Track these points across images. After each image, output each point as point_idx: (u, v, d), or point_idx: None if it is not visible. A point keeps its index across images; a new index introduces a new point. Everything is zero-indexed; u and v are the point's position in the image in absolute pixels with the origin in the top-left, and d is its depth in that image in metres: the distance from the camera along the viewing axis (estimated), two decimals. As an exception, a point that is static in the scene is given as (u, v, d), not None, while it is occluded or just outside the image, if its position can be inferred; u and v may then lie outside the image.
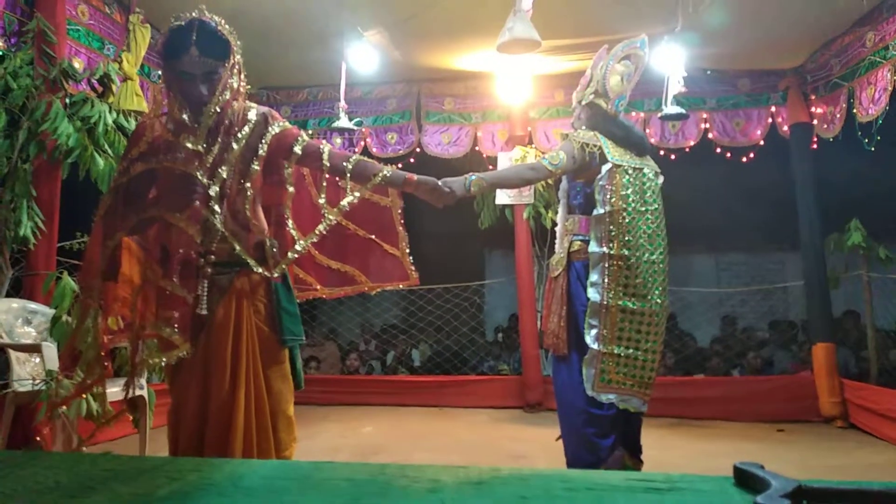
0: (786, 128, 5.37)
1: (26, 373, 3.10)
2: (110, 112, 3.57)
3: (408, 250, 2.32)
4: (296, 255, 2.03)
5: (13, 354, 3.10)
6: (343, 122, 4.93)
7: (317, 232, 2.03)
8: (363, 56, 4.64)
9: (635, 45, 2.82)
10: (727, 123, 5.48)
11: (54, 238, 3.57)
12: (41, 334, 3.21)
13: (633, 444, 2.71)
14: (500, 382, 5.89)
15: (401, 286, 2.38)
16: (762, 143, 5.45)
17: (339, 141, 5.91)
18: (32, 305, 3.33)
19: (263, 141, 1.96)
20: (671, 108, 4.52)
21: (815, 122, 5.14)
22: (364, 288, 2.33)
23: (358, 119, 5.65)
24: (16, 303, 3.31)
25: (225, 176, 1.89)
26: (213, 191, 1.87)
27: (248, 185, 1.94)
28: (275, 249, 1.98)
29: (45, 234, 3.46)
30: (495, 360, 6.67)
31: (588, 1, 4.24)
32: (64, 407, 2.51)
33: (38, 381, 2.99)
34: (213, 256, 1.89)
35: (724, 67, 5.35)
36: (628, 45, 2.81)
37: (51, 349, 2.88)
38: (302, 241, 2.03)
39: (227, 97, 1.91)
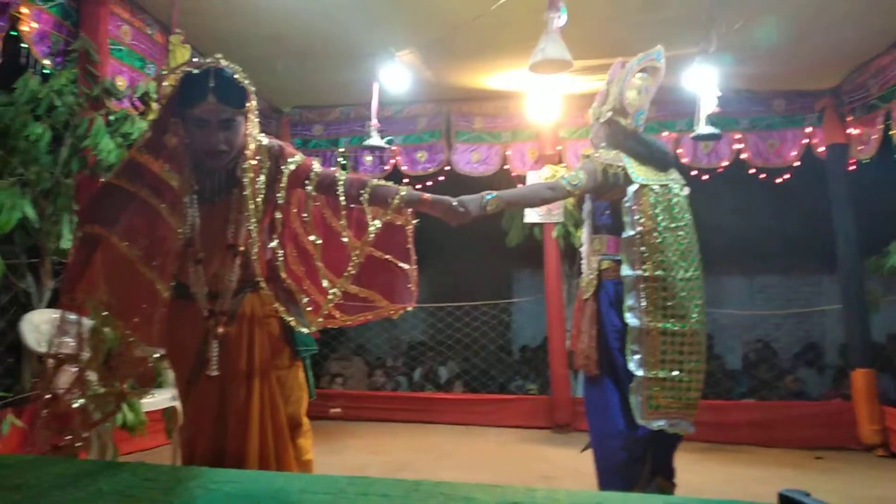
0: (822, 149, 5.28)
1: (63, 382, 3.16)
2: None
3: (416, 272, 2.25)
4: (331, 304, 2.00)
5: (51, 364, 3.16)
6: (374, 140, 4.99)
7: (347, 274, 2.00)
8: (395, 76, 4.70)
9: (651, 56, 2.75)
10: (761, 144, 5.40)
11: (94, 251, 3.66)
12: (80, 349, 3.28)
13: (666, 466, 2.65)
14: (529, 402, 5.83)
15: (409, 308, 2.28)
16: (798, 163, 5.37)
17: (369, 159, 5.97)
18: (72, 317, 3.40)
19: (281, 184, 1.93)
20: (704, 129, 4.48)
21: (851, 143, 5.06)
22: (385, 312, 2.24)
23: (389, 137, 5.71)
24: (56, 314, 3.39)
25: (241, 228, 1.88)
26: (235, 249, 1.87)
27: (275, 242, 1.92)
28: (305, 299, 1.96)
29: (85, 247, 3.55)
30: (523, 380, 6.61)
31: (619, 21, 4.24)
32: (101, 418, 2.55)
33: (74, 391, 3.04)
34: (224, 316, 1.88)
35: (759, 88, 5.29)
36: (644, 57, 2.74)
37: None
38: (335, 288, 1.99)
39: (252, 148, 1.88)
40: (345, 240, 2.01)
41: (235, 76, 1.82)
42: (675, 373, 2.50)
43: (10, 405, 3.24)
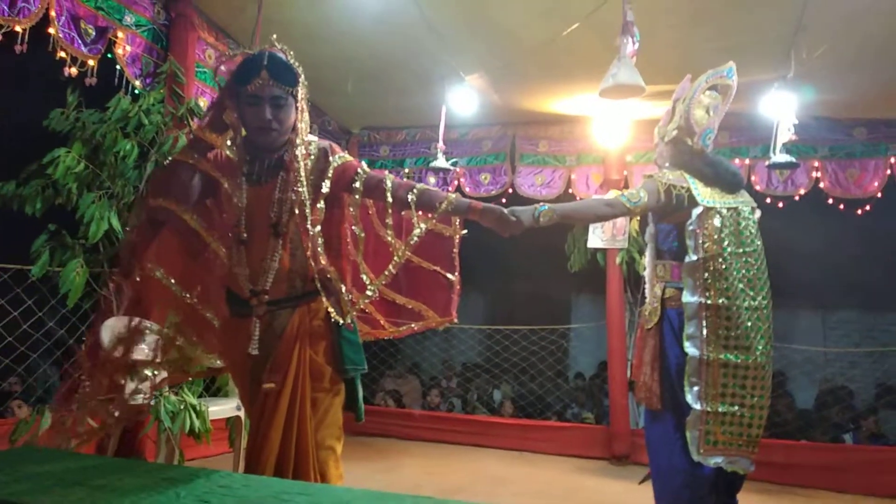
0: (906, 180, 5.03)
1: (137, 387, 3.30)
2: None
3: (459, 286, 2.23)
4: (367, 300, 2.02)
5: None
6: (440, 162, 5.05)
7: (387, 273, 2.00)
8: (463, 99, 4.75)
9: (722, 73, 2.64)
10: (840, 173, 5.19)
11: (174, 261, 3.84)
12: (153, 352, 3.43)
13: (730, 500, 2.54)
14: (586, 431, 5.71)
15: (455, 320, 2.26)
16: (880, 195, 5.12)
17: (433, 180, 6.04)
18: (147, 324, 3.56)
19: (326, 176, 1.95)
20: (780, 157, 4.34)
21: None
22: (432, 324, 2.24)
23: (454, 159, 5.77)
24: (133, 321, 3.55)
25: (288, 214, 1.90)
26: (277, 229, 1.89)
27: (317, 228, 1.93)
28: (348, 296, 1.96)
29: (165, 257, 3.72)
30: (580, 408, 6.48)
31: (693, 47, 4.17)
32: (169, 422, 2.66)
33: (147, 396, 3.18)
34: (267, 296, 1.89)
35: (839, 115, 5.09)
36: (714, 74, 2.64)
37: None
38: (373, 285, 2.01)
39: (302, 136, 1.93)
40: (388, 239, 2.01)
41: (287, 59, 1.91)
42: (736, 408, 2.39)
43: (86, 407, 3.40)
